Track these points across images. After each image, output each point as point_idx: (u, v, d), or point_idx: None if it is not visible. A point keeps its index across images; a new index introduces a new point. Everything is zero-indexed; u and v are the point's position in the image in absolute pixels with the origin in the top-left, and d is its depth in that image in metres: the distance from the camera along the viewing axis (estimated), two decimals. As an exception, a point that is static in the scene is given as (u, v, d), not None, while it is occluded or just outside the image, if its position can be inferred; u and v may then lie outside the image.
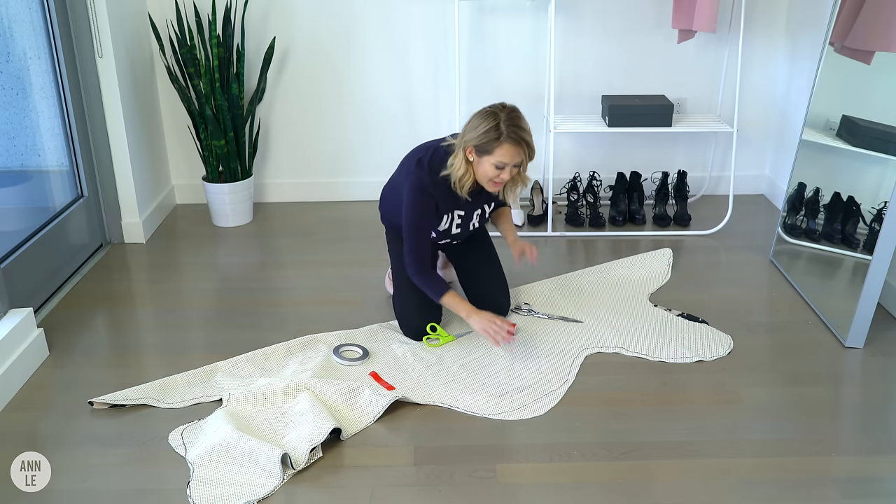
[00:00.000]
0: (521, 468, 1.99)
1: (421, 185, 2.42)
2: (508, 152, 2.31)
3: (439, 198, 2.45)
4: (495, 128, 2.30)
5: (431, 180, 2.43)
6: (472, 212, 2.56)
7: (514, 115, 2.32)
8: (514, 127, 2.30)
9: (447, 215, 2.51)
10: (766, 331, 2.64)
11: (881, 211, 2.46)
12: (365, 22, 3.57)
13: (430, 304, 2.54)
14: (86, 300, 2.90)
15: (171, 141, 3.75)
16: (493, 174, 2.36)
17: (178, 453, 2.04)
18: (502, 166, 2.34)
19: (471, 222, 2.59)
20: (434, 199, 2.44)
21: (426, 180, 2.43)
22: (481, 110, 2.36)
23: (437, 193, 2.44)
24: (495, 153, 2.32)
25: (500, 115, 2.31)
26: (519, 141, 2.30)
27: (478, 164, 2.37)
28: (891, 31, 2.51)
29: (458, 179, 2.41)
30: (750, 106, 3.70)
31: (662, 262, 3.10)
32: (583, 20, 3.56)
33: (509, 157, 2.32)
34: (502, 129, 2.29)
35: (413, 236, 2.44)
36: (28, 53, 2.92)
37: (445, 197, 2.47)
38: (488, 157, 2.34)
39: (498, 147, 2.31)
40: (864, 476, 1.96)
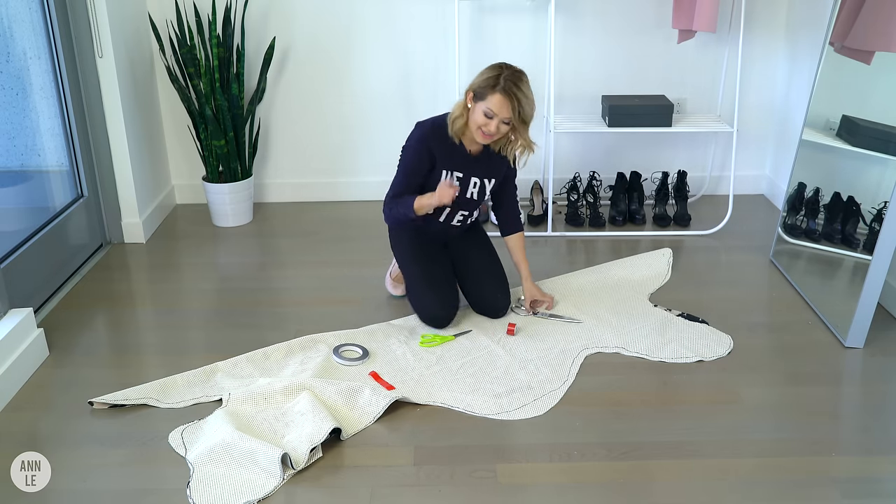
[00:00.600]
0: (521, 468, 1.99)
1: (423, 136, 2.55)
2: (498, 102, 2.41)
3: (438, 152, 2.55)
4: (495, 77, 2.42)
5: (432, 133, 2.55)
6: (468, 177, 2.60)
7: (517, 75, 2.44)
8: (512, 83, 2.41)
9: (445, 173, 2.57)
10: (766, 331, 2.64)
11: (881, 211, 2.46)
12: (365, 22, 3.57)
13: (448, 291, 2.63)
14: (86, 300, 2.90)
15: (171, 141, 3.75)
16: (481, 121, 2.45)
17: (178, 453, 2.04)
18: (491, 115, 2.43)
19: (468, 190, 2.62)
20: (431, 151, 2.55)
21: (427, 132, 2.56)
22: (494, 63, 2.49)
23: (435, 147, 2.55)
24: (487, 100, 2.43)
25: (505, 70, 2.44)
26: (511, 95, 2.40)
27: (473, 110, 2.48)
28: (891, 31, 2.51)
29: (453, 121, 2.53)
30: (750, 106, 3.70)
31: (662, 262, 3.10)
32: (583, 20, 3.56)
33: (498, 108, 2.41)
34: (500, 80, 2.41)
35: (401, 180, 2.57)
36: (28, 53, 2.92)
37: (444, 153, 2.56)
38: (481, 104, 2.44)
39: (491, 94, 2.42)
40: (864, 476, 1.96)
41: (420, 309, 2.64)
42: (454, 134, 2.54)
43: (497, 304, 2.68)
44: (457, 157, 2.57)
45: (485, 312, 2.71)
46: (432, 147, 2.54)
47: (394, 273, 2.87)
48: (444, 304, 2.62)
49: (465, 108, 2.51)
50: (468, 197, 2.64)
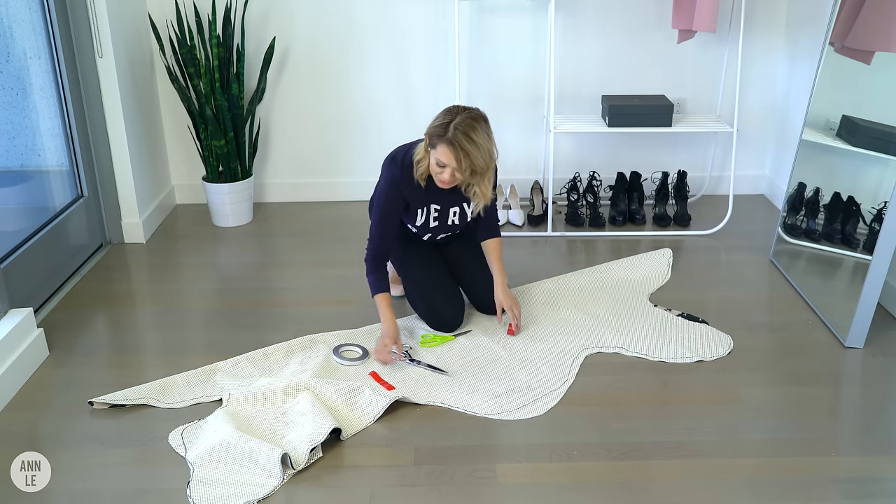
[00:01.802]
0: (521, 468, 1.99)
1: (392, 181, 2.48)
2: (446, 153, 2.32)
3: (410, 195, 2.49)
4: (445, 126, 2.31)
5: (402, 176, 2.47)
6: (447, 207, 2.57)
7: (469, 123, 2.31)
8: (462, 133, 2.29)
9: (421, 210, 2.54)
10: (766, 331, 2.64)
11: (881, 211, 2.46)
12: (365, 22, 3.57)
13: (453, 294, 2.63)
14: (86, 300, 2.90)
15: (171, 141, 3.75)
16: (436, 170, 2.38)
17: (178, 453, 2.04)
18: (442, 165, 2.35)
19: (448, 218, 2.60)
20: (403, 197, 2.49)
21: (397, 176, 2.47)
22: (451, 106, 2.40)
23: (407, 190, 2.48)
24: (437, 149, 2.34)
25: (458, 116, 2.32)
26: (458, 147, 2.29)
27: (429, 155, 2.40)
28: (891, 31, 2.51)
29: (416, 162, 2.45)
30: (750, 106, 3.70)
31: (662, 262, 3.10)
32: (583, 20, 3.56)
33: (446, 159, 2.33)
34: (450, 129, 2.30)
35: (377, 228, 2.52)
36: (28, 53, 2.92)
37: (417, 193, 2.50)
38: (433, 152, 2.37)
39: (439, 143, 2.32)
40: (864, 476, 1.96)
41: (428, 314, 2.62)
42: (419, 178, 2.46)
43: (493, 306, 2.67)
44: (431, 192, 2.51)
45: (487, 311, 2.71)
46: (403, 190, 2.47)
47: (390, 275, 2.87)
48: (453, 308, 2.62)
49: (425, 149, 2.41)
50: (449, 224, 2.61)
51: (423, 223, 2.58)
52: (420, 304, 2.65)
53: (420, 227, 2.59)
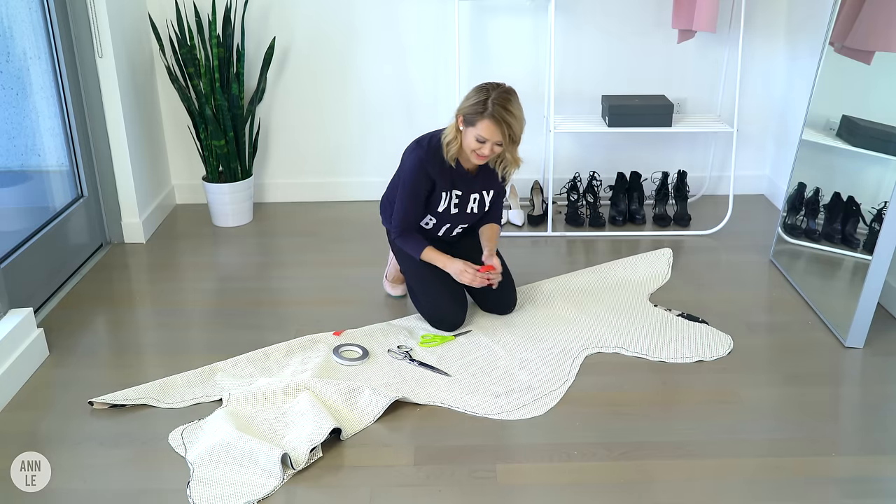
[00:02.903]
0: (521, 468, 1.99)
1: (420, 161, 2.52)
2: (488, 128, 2.39)
3: (437, 176, 2.54)
4: (483, 102, 2.39)
5: (429, 157, 2.52)
6: (468, 194, 2.60)
7: (505, 96, 2.41)
8: (500, 107, 2.38)
9: (445, 193, 2.57)
10: (766, 331, 2.64)
11: (881, 211, 2.46)
12: (365, 22, 3.57)
13: (457, 294, 2.63)
14: (86, 300, 2.90)
15: (171, 141, 3.75)
16: (475, 146, 2.44)
17: (178, 453, 2.04)
18: (483, 140, 2.42)
19: (468, 206, 2.62)
20: (430, 178, 2.54)
21: (424, 157, 2.53)
22: (480, 84, 2.46)
23: (433, 171, 2.53)
24: (477, 126, 2.41)
25: (492, 92, 2.40)
26: (500, 120, 2.38)
27: (464, 133, 2.47)
28: (891, 31, 2.51)
29: (447, 144, 2.51)
30: (750, 106, 3.70)
31: (662, 262, 3.10)
32: (583, 20, 3.56)
33: (489, 133, 2.40)
34: (488, 105, 2.38)
35: (404, 207, 2.57)
36: (28, 53, 2.92)
37: (443, 175, 2.54)
38: (472, 129, 2.43)
39: (480, 121, 2.40)
40: (864, 476, 1.96)
41: (431, 313, 2.63)
42: (450, 158, 2.52)
43: (504, 303, 2.70)
44: (455, 177, 2.57)
45: (492, 311, 2.72)
46: (430, 172, 2.52)
47: (390, 274, 2.88)
48: (456, 307, 2.62)
49: (457, 130, 2.49)
50: (468, 212, 2.64)
51: (444, 209, 2.60)
52: (423, 303, 2.65)
53: (440, 214, 2.61)
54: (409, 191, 2.55)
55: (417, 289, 2.67)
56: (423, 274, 2.64)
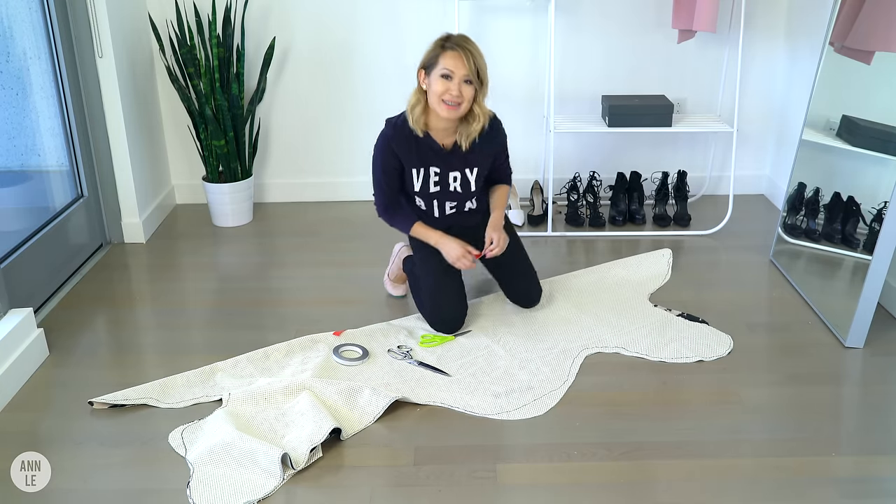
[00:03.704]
0: (521, 468, 1.99)
1: (385, 139, 2.54)
2: (452, 60, 2.38)
3: (403, 153, 2.53)
4: (442, 40, 2.42)
5: (394, 134, 2.52)
6: (446, 171, 2.58)
7: (461, 35, 2.44)
8: (461, 38, 2.41)
9: (417, 170, 2.56)
10: (766, 331, 2.64)
11: (881, 211, 2.46)
12: (365, 22, 3.57)
13: (459, 295, 2.63)
14: (86, 300, 2.90)
15: (171, 141, 3.75)
16: (442, 89, 2.40)
17: (178, 453, 2.04)
18: (448, 75, 2.38)
19: (449, 184, 2.60)
20: (396, 155, 2.53)
21: (389, 133, 2.53)
22: None
23: (399, 148, 2.53)
24: (440, 64, 2.39)
25: (449, 34, 2.44)
26: (462, 48, 2.38)
27: (429, 86, 2.44)
28: (891, 31, 2.51)
29: (410, 109, 2.49)
30: (750, 106, 3.70)
31: (662, 262, 3.10)
32: (583, 20, 3.56)
33: (453, 65, 2.38)
34: (447, 41, 2.41)
35: (377, 185, 2.60)
36: (28, 53, 2.92)
37: (410, 151, 2.53)
38: (435, 71, 2.40)
39: (442, 55, 2.39)
40: (864, 476, 1.96)
41: (431, 313, 2.62)
42: (415, 125, 2.49)
43: (529, 296, 2.73)
44: (427, 153, 2.54)
45: (518, 303, 2.75)
46: (395, 149, 2.52)
47: (392, 273, 2.88)
48: (456, 309, 2.62)
49: (420, 91, 2.48)
50: (451, 191, 2.62)
51: (421, 188, 2.59)
52: (425, 301, 2.65)
53: (421, 193, 2.61)
54: (376, 168, 2.57)
55: (421, 287, 2.67)
56: (428, 270, 2.64)
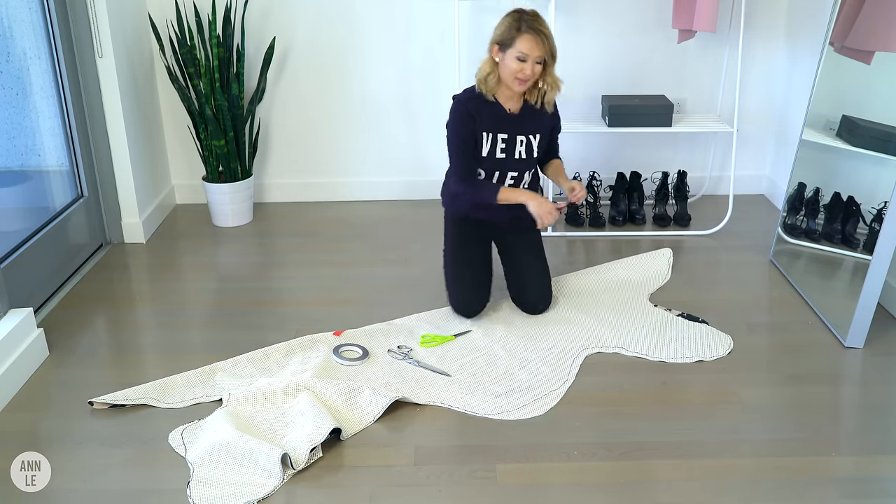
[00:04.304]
0: (521, 468, 1.99)
1: (459, 103, 2.58)
2: (528, 43, 2.44)
3: (477, 115, 2.57)
4: (516, 21, 2.46)
5: (468, 99, 2.58)
6: (514, 135, 2.62)
7: (535, 14, 2.48)
8: (534, 22, 2.45)
9: (487, 135, 2.59)
10: (766, 331, 2.64)
11: (881, 211, 2.46)
12: (365, 21, 3.57)
13: (479, 281, 2.69)
14: (86, 300, 2.90)
15: (171, 141, 3.75)
16: (516, 67, 2.47)
17: (178, 453, 2.04)
18: (524, 58, 2.45)
19: (516, 149, 2.64)
20: (472, 116, 2.57)
21: (463, 98, 2.59)
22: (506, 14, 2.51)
23: (474, 109, 2.57)
24: (516, 44, 2.45)
25: (522, 13, 2.48)
26: (539, 32, 2.44)
27: (502, 61, 2.51)
28: (891, 31, 2.51)
29: (483, 78, 2.55)
30: (750, 106, 3.70)
31: (662, 261, 3.10)
32: (583, 20, 3.56)
33: (529, 48, 2.44)
34: (521, 22, 2.45)
35: (456, 154, 2.60)
36: (28, 53, 2.92)
37: (484, 115, 2.58)
38: (511, 51, 2.47)
39: (518, 38, 2.44)
40: (864, 476, 1.96)
41: (453, 298, 2.69)
42: (488, 91, 2.56)
43: (535, 309, 2.73)
44: (497, 118, 2.60)
45: (522, 309, 2.76)
46: (471, 110, 2.57)
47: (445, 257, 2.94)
48: (479, 297, 2.68)
49: (492, 63, 2.52)
50: (516, 157, 2.65)
51: (488, 153, 2.61)
52: (449, 287, 2.70)
53: (487, 160, 2.62)
54: (455, 136, 2.58)
55: (448, 273, 2.72)
56: (453, 259, 2.70)
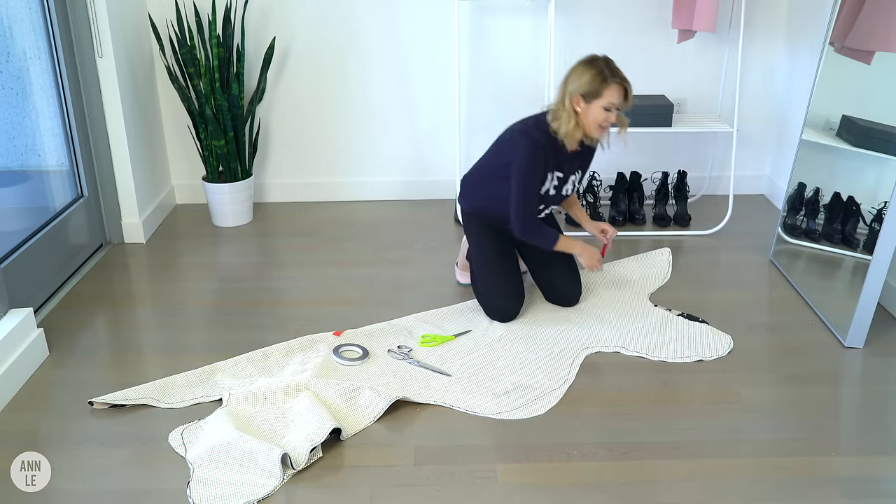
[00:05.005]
0: (521, 468, 1.99)
1: (535, 143, 2.55)
2: (616, 94, 2.48)
3: (549, 157, 2.59)
4: (600, 72, 2.48)
5: (542, 139, 2.57)
6: (568, 175, 2.67)
7: (611, 61, 2.53)
8: (615, 69, 2.50)
9: (551, 175, 2.63)
10: (766, 331, 2.64)
11: (881, 211, 2.46)
12: (365, 22, 3.57)
13: (515, 284, 2.69)
14: (86, 300, 2.90)
15: (171, 141, 3.75)
16: (602, 118, 2.51)
17: (178, 453, 2.05)
18: (610, 108, 2.49)
19: (565, 186, 2.69)
20: (546, 157, 2.58)
21: (541, 140, 2.56)
22: (578, 63, 2.53)
23: (548, 152, 2.58)
24: (604, 96, 2.48)
25: (600, 61, 2.50)
26: (624, 81, 2.50)
27: (586, 111, 2.51)
28: (891, 31, 2.51)
29: (568, 131, 2.54)
30: (750, 106, 3.70)
31: (662, 261, 3.10)
32: (583, 20, 3.56)
33: (617, 99, 2.49)
34: (606, 72, 2.48)
35: (523, 192, 2.58)
36: (28, 53, 2.92)
37: (552, 155, 2.60)
38: (597, 101, 2.49)
39: (606, 90, 2.48)
40: (864, 476, 1.96)
41: (490, 303, 2.68)
42: (565, 137, 2.55)
43: (570, 296, 2.76)
44: (561, 158, 2.63)
45: (557, 302, 2.78)
46: (546, 153, 2.57)
47: (461, 263, 2.96)
48: (517, 300, 2.68)
49: (574, 113, 2.52)
50: (563, 193, 2.71)
51: (545, 191, 2.65)
52: (487, 291, 2.69)
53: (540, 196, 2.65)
54: (528, 175, 2.56)
55: (481, 278, 2.71)
56: (489, 265, 2.70)
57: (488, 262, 2.71)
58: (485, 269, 2.71)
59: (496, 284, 2.68)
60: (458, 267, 2.98)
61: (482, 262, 2.72)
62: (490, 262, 2.70)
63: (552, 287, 2.78)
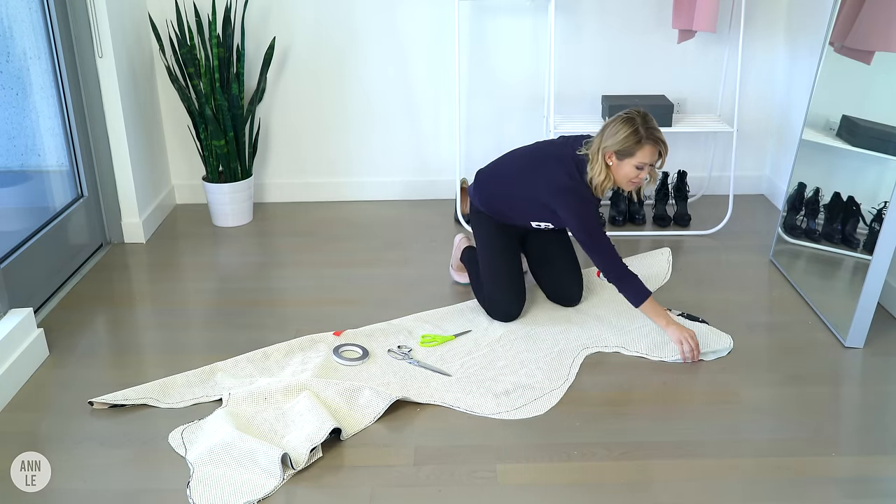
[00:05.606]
0: (521, 468, 1.99)
1: (587, 200, 2.57)
2: (650, 154, 2.47)
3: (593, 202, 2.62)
4: (635, 132, 2.44)
5: (585, 191, 2.57)
6: None
7: (649, 118, 2.49)
8: (651, 129, 2.46)
9: None
10: (766, 331, 2.64)
11: (881, 211, 2.46)
12: (365, 22, 3.57)
13: (518, 284, 2.69)
14: (86, 300, 2.90)
15: (171, 141, 3.75)
16: (633, 175, 2.50)
17: (178, 453, 2.04)
18: (642, 167, 2.48)
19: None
20: (593, 203, 2.61)
21: (588, 195, 2.57)
22: (615, 118, 2.50)
23: (592, 200, 2.60)
24: (637, 155, 2.46)
25: (637, 119, 2.46)
26: (657, 141, 2.47)
27: (618, 167, 2.51)
28: (891, 31, 2.51)
29: (599, 184, 2.55)
30: (750, 106, 3.70)
31: (662, 261, 3.10)
32: (583, 20, 3.56)
33: (649, 158, 2.47)
34: (641, 132, 2.44)
35: (601, 244, 2.55)
36: (28, 53, 2.92)
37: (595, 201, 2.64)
38: (629, 160, 2.48)
39: (639, 149, 2.46)
40: (864, 476, 1.96)
41: (493, 302, 2.68)
42: (601, 194, 2.58)
43: (572, 295, 2.77)
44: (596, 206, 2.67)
45: (559, 301, 2.79)
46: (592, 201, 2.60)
47: (454, 264, 2.96)
48: (519, 300, 2.69)
49: (605, 167, 2.51)
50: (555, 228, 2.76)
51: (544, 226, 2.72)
52: (489, 291, 2.69)
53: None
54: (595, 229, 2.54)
55: (485, 278, 2.71)
56: (493, 266, 2.70)
57: (493, 261, 2.71)
58: (489, 267, 2.71)
59: (500, 283, 2.68)
60: (453, 268, 2.99)
61: (488, 260, 2.72)
62: (495, 261, 2.71)
63: (555, 286, 2.79)
